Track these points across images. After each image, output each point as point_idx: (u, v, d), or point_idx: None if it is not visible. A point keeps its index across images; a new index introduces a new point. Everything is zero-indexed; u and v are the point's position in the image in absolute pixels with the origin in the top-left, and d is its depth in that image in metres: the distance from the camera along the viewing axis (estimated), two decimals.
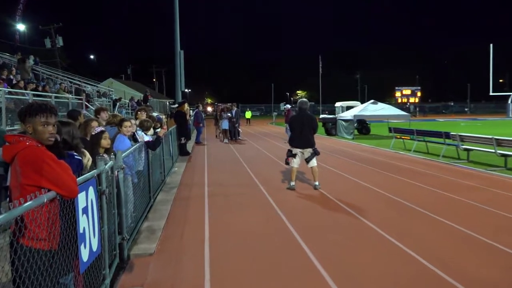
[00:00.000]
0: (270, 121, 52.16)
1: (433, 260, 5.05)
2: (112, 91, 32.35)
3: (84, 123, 5.40)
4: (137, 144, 6.64)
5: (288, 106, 22.16)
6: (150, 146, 7.59)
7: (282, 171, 11.88)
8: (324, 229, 6.36)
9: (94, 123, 5.54)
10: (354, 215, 7.12)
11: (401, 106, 73.09)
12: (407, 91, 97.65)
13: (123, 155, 5.27)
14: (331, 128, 25.81)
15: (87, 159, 4.09)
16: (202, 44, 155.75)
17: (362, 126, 26.26)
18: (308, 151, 9.23)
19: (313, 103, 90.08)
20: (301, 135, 9.14)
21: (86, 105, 18.16)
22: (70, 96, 17.86)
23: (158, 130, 9.60)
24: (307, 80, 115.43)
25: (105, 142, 5.05)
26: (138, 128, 7.37)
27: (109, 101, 25.16)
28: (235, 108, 22.74)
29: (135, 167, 6.38)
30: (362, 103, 29.55)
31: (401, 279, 4.55)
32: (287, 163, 9.59)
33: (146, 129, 8.95)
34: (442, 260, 5.04)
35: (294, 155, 9.28)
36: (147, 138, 7.43)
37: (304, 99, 9.71)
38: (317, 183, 9.30)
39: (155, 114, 11.80)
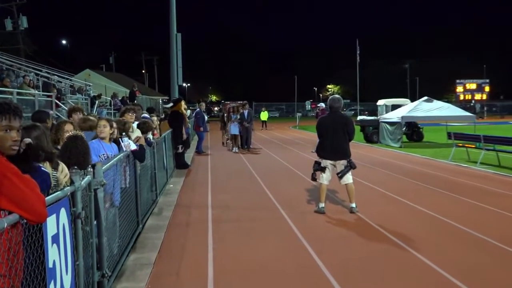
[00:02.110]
0: (293, 124, 52.17)
1: None
2: (89, 85, 32.76)
3: (55, 126, 5.46)
4: (121, 154, 6.68)
5: (322, 105, 22.09)
6: (138, 156, 7.65)
7: (309, 189, 11.84)
8: (363, 266, 6.30)
9: (68, 127, 5.61)
10: (403, 248, 7.05)
11: (464, 105, 72.54)
12: (471, 85, 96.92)
13: (104, 167, 5.31)
14: (371, 133, 25.69)
15: (64, 174, 4.12)
16: (205, 26, 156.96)
17: (412, 131, 26.10)
18: (341, 164, 9.18)
19: (348, 101, 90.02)
20: (333, 142, 9.11)
21: (56, 103, 18.41)
22: (37, 92, 18.14)
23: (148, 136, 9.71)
24: (340, 71, 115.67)
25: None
26: (123, 134, 7.42)
27: (85, 99, 25.47)
28: (248, 108, 22.82)
29: (119, 184, 6.42)
30: (412, 101, 29.39)
31: None
32: (314, 179, 9.57)
33: (143, 132, 9.08)
34: None
35: (323, 169, 9.26)
36: (134, 146, 7.47)
37: (336, 96, 9.63)
38: (353, 205, 9.25)
39: (145, 114, 11.90)
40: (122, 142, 7.12)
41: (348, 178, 9.22)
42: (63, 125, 5.70)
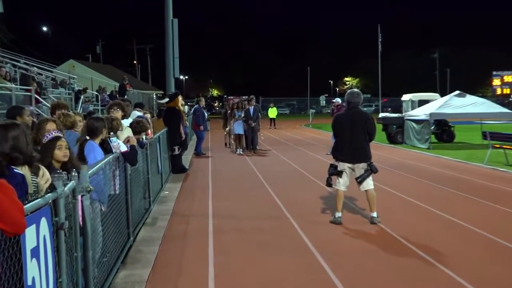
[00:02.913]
0: (305, 123, 52.13)
1: None
2: (74, 78, 32.84)
3: (36, 125, 5.48)
4: (110, 156, 6.70)
5: (338, 100, 22.04)
6: (129, 159, 7.66)
7: (323, 196, 11.84)
8: (386, 285, 6.29)
9: (50, 126, 5.63)
10: (431, 264, 7.03)
11: (501, 100, 72.27)
12: (510, 78, 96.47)
13: (90, 171, 5.33)
14: (395, 132, 25.62)
15: (45, 179, 4.13)
16: (205, 11, 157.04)
17: (442, 130, 26.00)
18: (360, 167, 9.17)
19: (368, 95, 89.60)
20: (351, 142, 9.09)
21: (36, 99, 18.46)
22: (14, 86, 18.19)
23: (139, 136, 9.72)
24: (359, 62, 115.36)
25: (59, 153, 5.11)
26: (112, 134, 7.43)
27: (69, 94, 25.54)
28: (254, 104, 22.81)
29: (107, 190, 6.43)
30: (442, 95, 29.30)
31: None
32: (329, 184, 9.56)
33: (137, 133, 9.07)
34: None
35: (339, 173, 9.23)
36: (124, 148, 7.49)
37: (355, 90, 9.63)
38: (374, 214, 9.23)
39: (136, 112, 11.90)
40: (111, 142, 7.13)
41: (369, 183, 9.19)
42: (45, 124, 5.72)
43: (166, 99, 16.74)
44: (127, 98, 18.68)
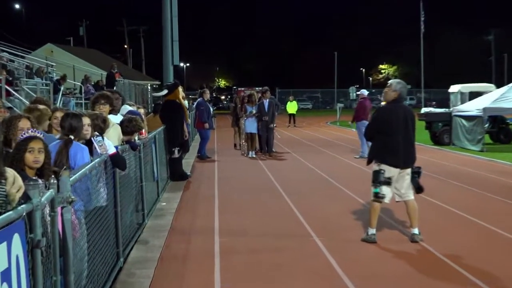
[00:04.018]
0: (331, 119, 52.04)
1: None
2: (52, 66, 33.00)
3: (6, 122, 5.50)
4: (96, 160, 6.71)
5: (365, 92, 21.95)
6: (119, 162, 7.65)
7: (354, 209, 11.79)
8: None
9: (24, 123, 5.64)
10: None
11: None
12: None
13: (71, 178, 5.33)
14: (441, 131, 25.50)
15: (16, 186, 4.13)
16: None
17: (498, 129, 25.83)
18: (406, 173, 9.11)
19: (409, 86, 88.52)
20: (404, 143, 9.03)
21: (7, 90, 18.58)
22: None
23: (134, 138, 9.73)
24: (397, 46, 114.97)
25: (29, 157, 5.11)
26: (96, 133, 7.42)
27: (47, 84, 25.66)
28: (269, 97, 22.76)
29: (93, 202, 6.43)
30: (498, 87, 29.07)
31: None
32: (378, 196, 9.27)
33: (128, 133, 9.06)
34: None
35: (387, 181, 9.07)
36: (112, 149, 7.49)
37: (403, 81, 9.63)
38: (416, 230, 9.17)
39: (128, 107, 11.88)
40: (94, 142, 7.11)
41: (410, 193, 9.17)
42: (16, 121, 5.74)
43: (165, 91, 16.65)
44: (116, 90, 18.61)
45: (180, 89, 16.54)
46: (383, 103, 9.95)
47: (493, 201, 12.65)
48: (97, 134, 7.34)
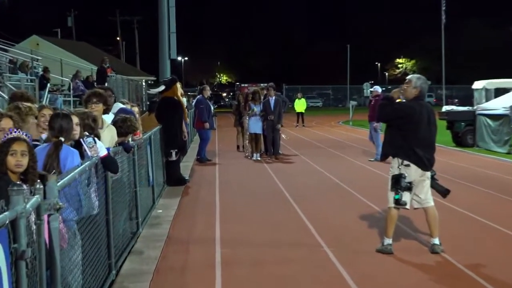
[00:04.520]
0: (343, 118, 51.98)
1: None
2: (38, 60, 33.01)
3: None
4: (87, 163, 6.71)
5: (378, 88, 21.91)
6: (111, 165, 7.64)
7: (368, 216, 11.79)
8: None
9: (6, 123, 5.65)
10: None
11: None
12: None
13: (59, 183, 5.33)
14: (464, 132, 25.45)
15: None
16: None
17: None
18: (426, 177, 9.11)
19: (429, 82, 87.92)
20: (426, 144, 9.07)
21: None
22: None
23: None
24: (416, 38, 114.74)
25: (11, 160, 5.11)
26: (86, 134, 7.40)
27: (31, 80, 25.67)
28: (275, 94, 22.70)
29: (84, 209, 6.43)
30: None
31: None
32: (400, 203, 9.19)
33: (122, 135, 9.05)
34: None
35: (409, 186, 9.02)
36: (104, 151, 7.47)
37: (424, 76, 9.63)
38: (436, 240, 9.15)
39: (119, 104, 11.88)
40: (84, 143, 7.07)
41: (429, 199, 9.16)
42: None
43: (161, 87, 16.58)
44: (109, 87, 18.51)
45: (179, 85, 16.55)
46: (398, 101, 9.89)
47: None
48: (87, 134, 7.28)
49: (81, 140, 7.06)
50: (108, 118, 9.46)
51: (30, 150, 5.23)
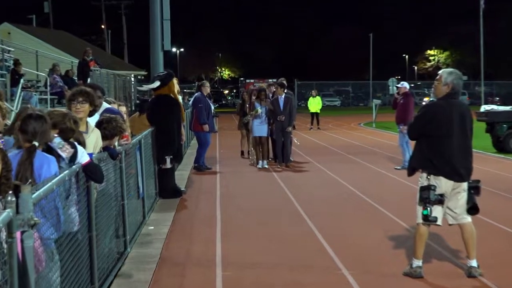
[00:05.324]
0: (365, 120, 51.94)
1: None
2: (9, 52, 33.08)
3: None
4: (66, 171, 6.73)
5: (406, 85, 21.91)
6: (93, 173, 7.64)
7: (394, 235, 11.79)
8: None
9: None
10: None
11: None
12: None
13: (34, 195, 5.34)
14: (506, 135, 25.41)
15: None
16: None
17: None
18: (462, 188, 9.10)
19: (465, 78, 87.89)
20: (459, 150, 9.03)
21: None
22: None
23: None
24: (449, 26, 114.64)
25: None
26: (56, 136, 7.39)
27: (2, 75, 25.74)
28: (286, 91, 22.67)
29: (63, 225, 6.45)
30: None
31: None
32: (428, 219, 9.22)
33: (107, 138, 9.06)
34: None
35: (440, 199, 9.03)
36: (86, 157, 7.48)
37: (457, 71, 9.61)
38: (474, 262, 9.13)
39: (105, 104, 11.88)
40: (52, 146, 7.01)
41: (466, 214, 9.16)
42: None
43: (156, 83, 16.42)
44: (99, 85, 18.30)
45: (175, 81, 16.56)
46: (426, 100, 9.89)
47: None
48: (55, 135, 7.24)
49: (50, 144, 7.00)
50: (91, 120, 9.37)
51: (4, 157, 5.24)
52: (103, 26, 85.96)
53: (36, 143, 6.45)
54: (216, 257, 10.54)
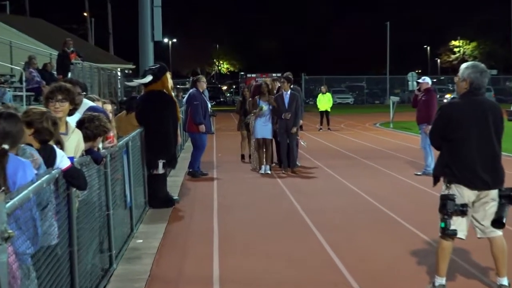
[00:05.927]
0: (382, 119, 52.02)
1: None
2: None
3: None
4: (44, 178, 6.73)
5: (427, 80, 21.93)
6: (75, 179, 7.63)
7: (414, 250, 11.81)
8: None
9: None
10: None
11: None
12: None
13: (8, 204, 5.35)
14: None
15: None
16: None
17: None
18: (490, 198, 9.08)
19: (494, 72, 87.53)
20: (481, 154, 9.00)
21: None
22: None
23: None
24: (476, 15, 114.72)
25: None
26: (29, 135, 7.39)
27: None
28: (291, 87, 22.66)
29: (41, 238, 6.46)
30: None
31: None
32: (446, 232, 9.23)
33: (89, 139, 9.07)
34: None
35: (463, 209, 9.01)
36: (66, 162, 7.49)
37: (481, 64, 9.56)
38: (505, 280, 9.13)
39: (87, 102, 11.90)
40: (26, 152, 7.00)
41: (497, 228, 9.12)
42: None
43: (148, 78, 16.29)
44: (78, 80, 18.16)
45: (169, 75, 16.54)
46: (447, 97, 9.86)
47: None
48: (28, 135, 7.20)
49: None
50: (73, 120, 9.34)
51: None
52: (85, 14, 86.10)
53: (6, 146, 6.40)
54: (213, 275, 10.56)
